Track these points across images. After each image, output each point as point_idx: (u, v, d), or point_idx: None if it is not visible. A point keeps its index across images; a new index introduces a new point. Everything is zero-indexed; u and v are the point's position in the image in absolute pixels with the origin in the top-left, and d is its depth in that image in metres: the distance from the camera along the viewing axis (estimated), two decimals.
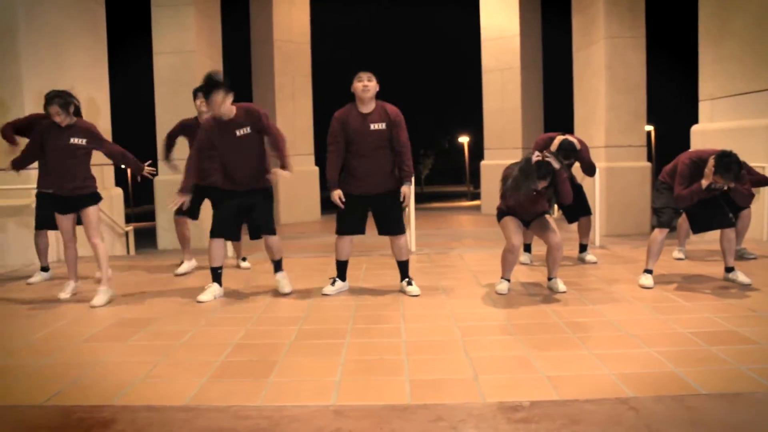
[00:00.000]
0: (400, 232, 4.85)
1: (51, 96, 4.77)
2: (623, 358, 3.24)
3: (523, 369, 3.13)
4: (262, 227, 4.88)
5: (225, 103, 4.60)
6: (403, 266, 4.92)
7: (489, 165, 13.52)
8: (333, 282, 4.98)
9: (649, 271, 4.92)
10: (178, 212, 5.89)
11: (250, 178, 4.80)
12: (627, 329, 3.74)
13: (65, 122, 4.80)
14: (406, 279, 4.90)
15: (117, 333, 3.99)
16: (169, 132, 6.11)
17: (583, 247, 6.18)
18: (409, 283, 4.88)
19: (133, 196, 31.80)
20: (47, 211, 5.15)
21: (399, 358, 3.35)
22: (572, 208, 5.90)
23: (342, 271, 5.00)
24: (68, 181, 4.88)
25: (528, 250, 6.08)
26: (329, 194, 4.82)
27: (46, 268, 5.94)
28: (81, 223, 5.08)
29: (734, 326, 3.72)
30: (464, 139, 43.81)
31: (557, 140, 5.78)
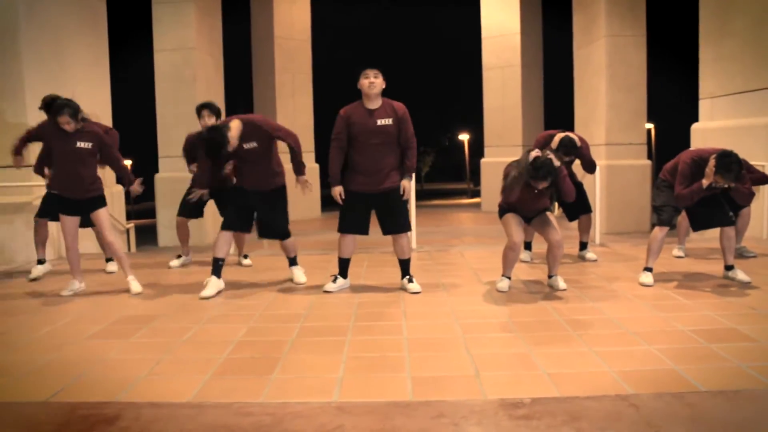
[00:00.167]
0: (406, 230, 4.90)
1: (61, 105, 4.82)
2: (623, 355, 3.26)
3: (524, 366, 3.15)
4: (277, 233, 5.22)
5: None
6: (404, 264, 4.94)
7: (489, 162, 13.53)
8: (334, 279, 5.00)
9: (649, 269, 4.94)
10: (183, 213, 6.11)
11: (260, 181, 5.07)
12: (627, 327, 3.76)
13: (73, 128, 4.88)
14: (407, 276, 4.92)
15: (120, 330, 4.00)
16: (184, 146, 6.21)
17: (583, 245, 6.20)
18: (410, 280, 4.90)
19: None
20: (53, 206, 5.28)
21: (401, 355, 3.37)
22: (572, 205, 5.92)
23: (344, 268, 5.02)
24: (75, 183, 4.98)
25: (528, 248, 6.10)
26: (330, 191, 4.85)
27: (42, 261, 5.95)
28: (88, 225, 5.31)
29: (734, 324, 3.74)
30: (464, 137, 43.75)
31: (558, 137, 5.80)
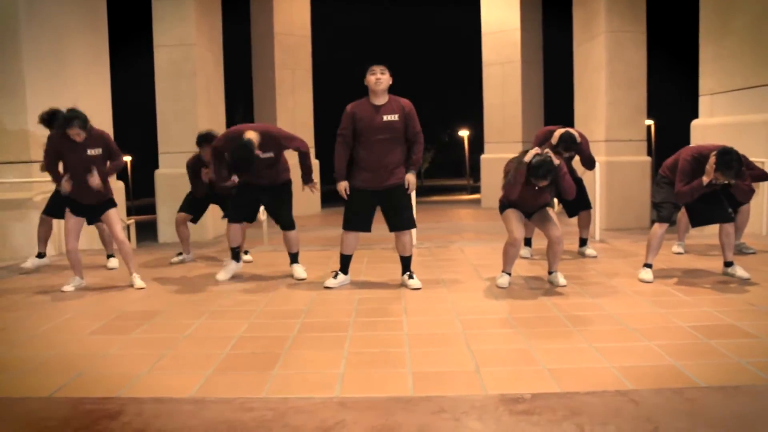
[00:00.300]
0: (411, 226, 4.94)
1: (70, 118, 4.84)
2: (623, 351, 3.28)
3: (525, 361, 3.17)
4: (284, 224, 5.34)
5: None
6: (405, 261, 4.95)
7: (489, 159, 13.52)
8: (335, 275, 5.01)
9: (648, 266, 4.95)
10: (185, 209, 6.26)
11: (272, 180, 5.29)
12: (627, 323, 3.78)
13: (84, 138, 4.93)
14: (408, 272, 4.93)
15: (121, 326, 4.02)
16: (191, 167, 6.19)
17: (583, 241, 6.21)
18: (411, 276, 4.91)
19: (133, 188, 31.78)
20: (61, 205, 5.33)
21: (401, 350, 3.38)
22: (572, 201, 5.92)
23: (345, 264, 5.03)
24: (89, 189, 5.04)
25: (528, 244, 6.11)
26: (335, 186, 4.84)
27: (41, 255, 5.97)
28: (93, 223, 5.45)
29: (734, 320, 3.75)
30: (464, 133, 43.67)
31: (558, 133, 5.81)
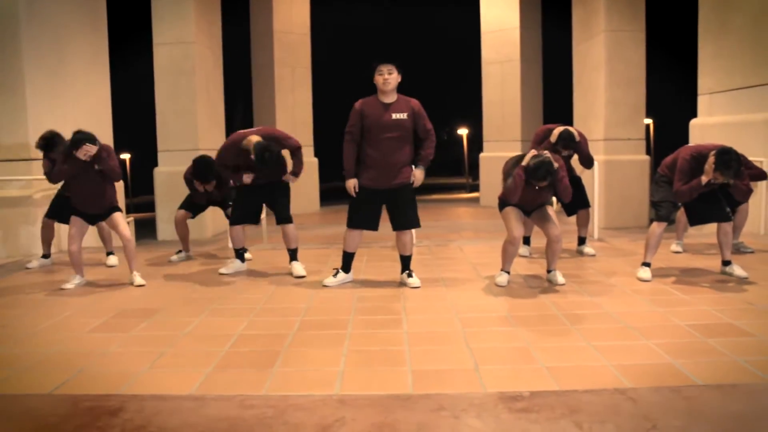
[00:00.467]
0: (416, 225, 4.94)
1: (79, 140, 4.87)
2: (621, 349, 3.29)
3: (523, 360, 3.18)
4: (280, 217, 5.42)
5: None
6: (405, 260, 4.96)
7: (488, 157, 13.52)
8: (336, 273, 5.02)
9: (647, 264, 4.97)
10: (185, 207, 6.30)
11: (274, 177, 5.41)
12: (625, 321, 3.79)
13: (92, 155, 4.96)
14: (407, 271, 4.95)
15: (121, 324, 4.03)
16: (186, 179, 6.24)
17: (581, 240, 6.22)
18: (410, 275, 4.92)
19: (132, 186, 31.76)
20: (64, 209, 5.38)
21: (401, 348, 3.40)
22: (571, 200, 5.93)
23: (348, 262, 5.04)
24: (97, 200, 5.15)
25: (527, 242, 6.13)
26: (344, 184, 4.83)
27: (46, 256, 5.99)
28: (96, 222, 5.43)
29: (731, 319, 3.77)
30: (463, 131, 43.65)
31: (557, 131, 5.83)
